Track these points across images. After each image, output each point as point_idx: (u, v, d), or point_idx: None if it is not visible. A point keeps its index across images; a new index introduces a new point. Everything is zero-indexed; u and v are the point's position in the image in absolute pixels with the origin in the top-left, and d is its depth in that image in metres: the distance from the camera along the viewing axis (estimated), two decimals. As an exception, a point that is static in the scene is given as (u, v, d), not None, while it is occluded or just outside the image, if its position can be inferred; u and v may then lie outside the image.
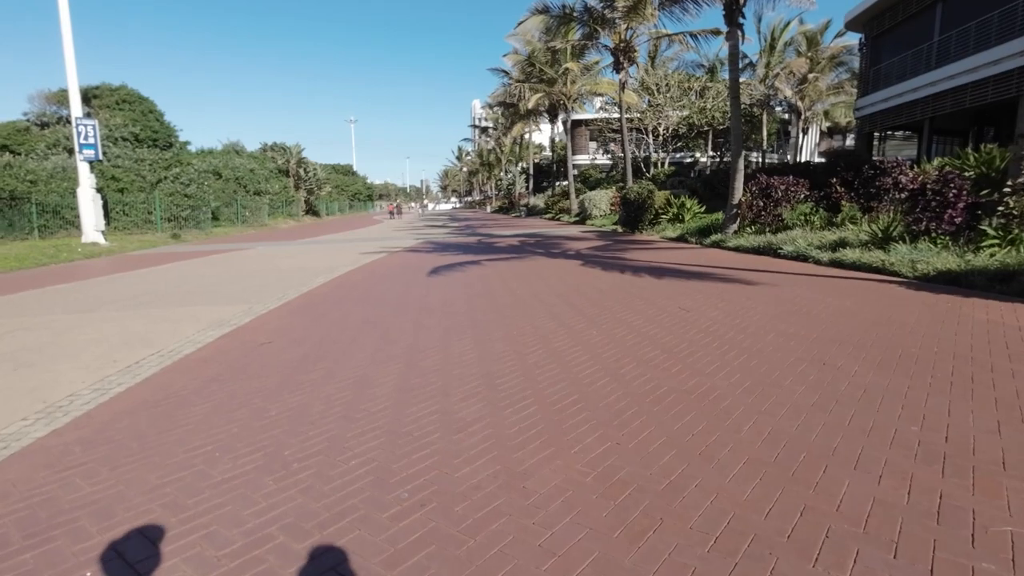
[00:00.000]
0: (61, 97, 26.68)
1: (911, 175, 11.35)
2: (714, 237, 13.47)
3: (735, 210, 13.50)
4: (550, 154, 59.54)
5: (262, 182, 34.79)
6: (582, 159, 45.67)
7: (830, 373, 3.91)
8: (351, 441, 3.04)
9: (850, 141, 46.40)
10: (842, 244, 9.80)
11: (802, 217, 12.82)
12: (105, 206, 21.10)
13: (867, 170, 11.35)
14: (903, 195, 11.27)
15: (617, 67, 20.35)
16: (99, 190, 20.73)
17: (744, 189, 13.44)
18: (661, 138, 32.59)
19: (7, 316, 7.05)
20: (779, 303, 6.39)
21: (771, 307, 6.18)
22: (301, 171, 42.31)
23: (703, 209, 18.70)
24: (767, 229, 12.70)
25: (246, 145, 41.05)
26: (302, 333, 5.65)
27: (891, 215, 10.40)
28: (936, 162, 14.21)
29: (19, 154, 24.83)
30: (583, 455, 2.80)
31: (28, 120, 29.17)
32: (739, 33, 13.13)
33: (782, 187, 12.83)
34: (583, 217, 27.08)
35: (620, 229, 20.25)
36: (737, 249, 12.04)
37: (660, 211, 18.94)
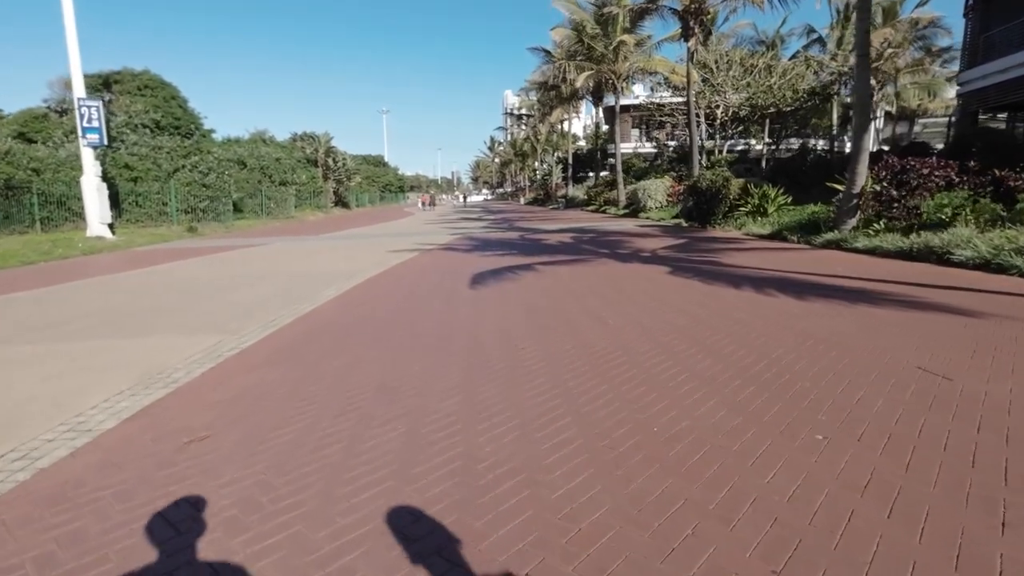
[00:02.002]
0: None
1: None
2: (828, 236, 10.61)
3: (855, 201, 10.62)
4: (584, 144, 56.34)
5: (288, 172, 32.97)
6: (625, 147, 42.55)
7: None
8: None
9: (917, 127, 41.90)
10: (1055, 249, 6.94)
11: (947, 210, 9.87)
12: (116, 196, 19.41)
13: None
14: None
15: (686, 34, 17.41)
16: (110, 179, 19.02)
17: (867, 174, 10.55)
18: (719, 122, 29.31)
19: None
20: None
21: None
22: (330, 160, 40.40)
23: (788, 200, 15.77)
24: (906, 225, 9.79)
25: (276, 135, 39.47)
26: (271, 413, 3.26)
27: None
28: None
29: (35, 142, 23.44)
30: None
31: (47, 107, 27.90)
32: (869, -28, 10.18)
33: (924, 171, 9.92)
34: (634, 209, 24.26)
35: (685, 223, 17.44)
36: (873, 252, 9.19)
37: (736, 203, 16.07)
